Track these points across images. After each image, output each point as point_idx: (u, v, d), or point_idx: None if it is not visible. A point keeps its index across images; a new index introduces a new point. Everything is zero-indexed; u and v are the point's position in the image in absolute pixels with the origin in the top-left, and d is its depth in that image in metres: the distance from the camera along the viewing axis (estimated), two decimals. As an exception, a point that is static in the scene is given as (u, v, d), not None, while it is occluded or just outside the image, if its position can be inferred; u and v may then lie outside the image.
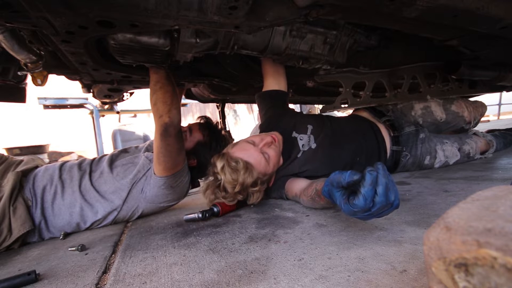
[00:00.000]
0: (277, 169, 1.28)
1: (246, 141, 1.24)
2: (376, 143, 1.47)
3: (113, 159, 1.37)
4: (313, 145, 1.34)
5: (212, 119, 1.59)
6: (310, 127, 1.38)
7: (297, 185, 1.17)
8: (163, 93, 1.16)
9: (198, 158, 1.43)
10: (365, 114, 1.63)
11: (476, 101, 1.78)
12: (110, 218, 1.27)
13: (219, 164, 1.15)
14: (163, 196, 1.28)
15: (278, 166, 1.27)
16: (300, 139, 1.35)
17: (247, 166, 1.14)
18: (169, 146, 1.16)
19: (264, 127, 1.45)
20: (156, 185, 1.25)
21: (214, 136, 1.48)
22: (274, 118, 1.44)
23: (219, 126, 1.57)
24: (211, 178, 1.22)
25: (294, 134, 1.36)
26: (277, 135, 1.25)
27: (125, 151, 1.46)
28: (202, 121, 1.53)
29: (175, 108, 1.17)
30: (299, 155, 1.32)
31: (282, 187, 1.25)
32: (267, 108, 1.47)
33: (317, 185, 0.96)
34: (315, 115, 1.56)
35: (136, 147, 1.51)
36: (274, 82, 1.46)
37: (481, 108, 1.77)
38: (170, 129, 1.15)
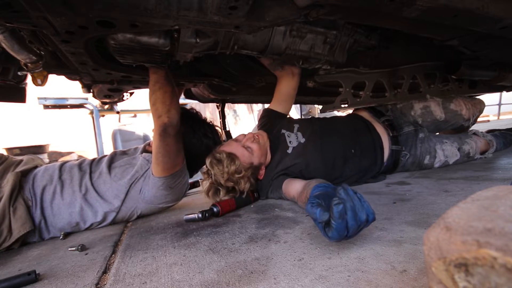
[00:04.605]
0: (270, 166, 1.39)
1: (232, 139, 1.41)
2: (371, 138, 1.49)
3: (112, 160, 1.36)
4: (302, 140, 1.42)
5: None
6: (296, 126, 1.49)
7: (294, 188, 1.17)
8: (162, 93, 1.15)
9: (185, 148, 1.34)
10: (364, 114, 1.64)
11: (474, 98, 1.78)
12: (109, 219, 1.27)
13: (207, 160, 1.30)
14: (161, 197, 1.28)
15: (265, 159, 1.38)
16: (288, 136, 1.44)
17: (230, 156, 1.27)
18: (168, 146, 1.17)
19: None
20: (154, 186, 1.25)
21: (189, 121, 1.42)
22: (268, 126, 1.56)
23: (194, 111, 1.53)
24: (208, 179, 1.33)
25: (282, 131, 1.47)
26: (261, 133, 1.41)
27: (124, 153, 1.46)
28: None
29: (174, 108, 1.17)
30: (289, 151, 1.39)
31: (279, 187, 1.26)
32: (265, 122, 1.60)
33: (307, 193, 0.96)
34: (305, 118, 1.65)
35: (135, 148, 1.51)
36: (282, 104, 1.59)
37: (479, 104, 1.77)
38: (169, 129, 1.15)
